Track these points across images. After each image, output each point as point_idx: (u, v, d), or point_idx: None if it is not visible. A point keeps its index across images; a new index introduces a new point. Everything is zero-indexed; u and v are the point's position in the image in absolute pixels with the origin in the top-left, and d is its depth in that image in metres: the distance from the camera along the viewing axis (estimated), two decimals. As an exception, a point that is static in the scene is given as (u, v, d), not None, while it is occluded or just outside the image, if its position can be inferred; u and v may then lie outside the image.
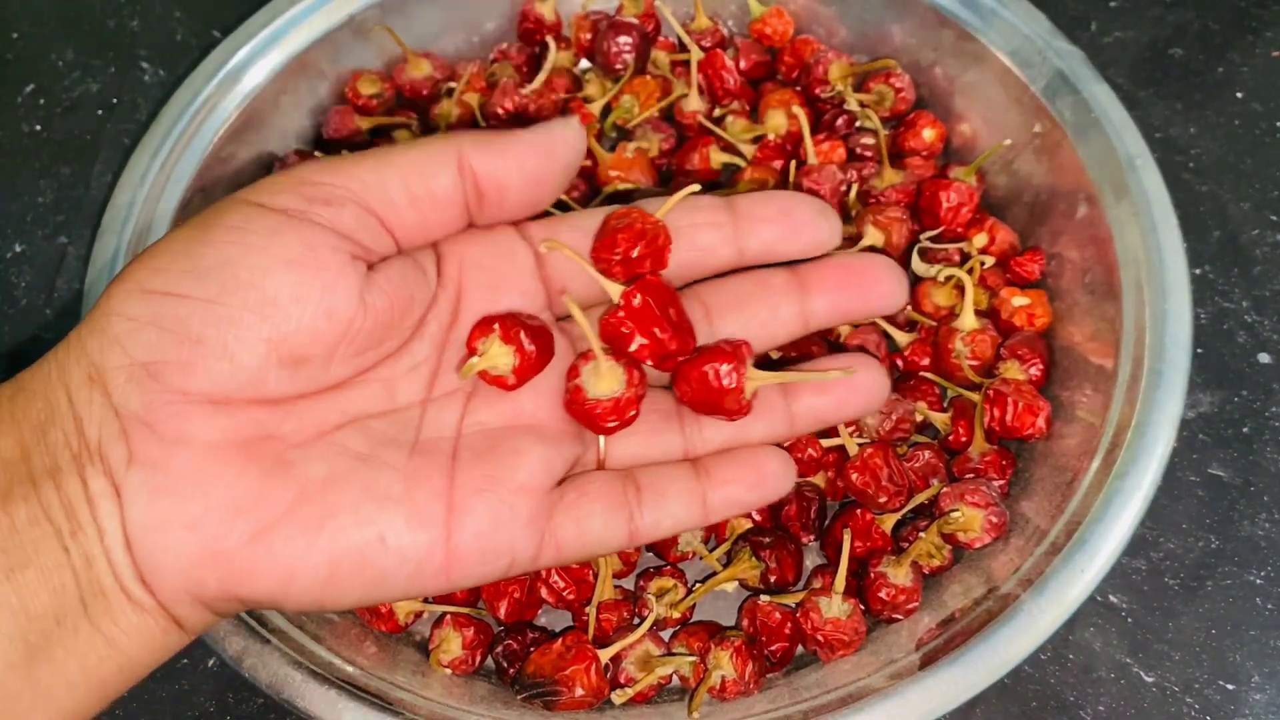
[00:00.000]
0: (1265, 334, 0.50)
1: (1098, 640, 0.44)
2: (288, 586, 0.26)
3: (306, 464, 0.27)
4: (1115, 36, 0.61)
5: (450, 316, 0.31)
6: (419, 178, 0.28)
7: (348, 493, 0.27)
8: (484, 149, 0.29)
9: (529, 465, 0.29)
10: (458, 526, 0.28)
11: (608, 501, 0.31)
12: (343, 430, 0.28)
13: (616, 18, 0.56)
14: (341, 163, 0.28)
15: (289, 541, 0.26)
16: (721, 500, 0.32)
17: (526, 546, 0.29)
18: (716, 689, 0.39)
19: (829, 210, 0.33)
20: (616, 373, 0.31)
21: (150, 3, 0.66)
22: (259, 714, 0.44)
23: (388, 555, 0.27)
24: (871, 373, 0.34)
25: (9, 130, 0.61)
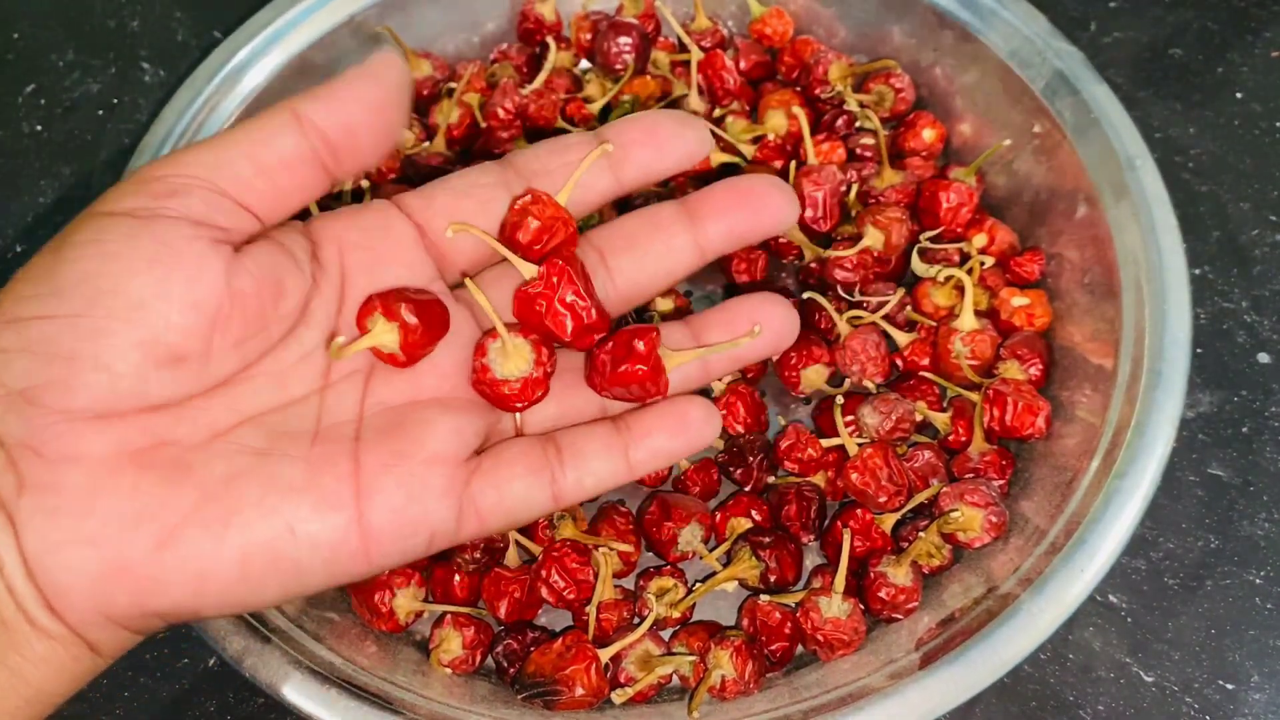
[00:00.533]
0: (1265, 334, 0.50)
1: (1097, 640, 0.44)
2: (202, 590, 0.26)
3: (206, 465, 0.27)
4: (1115, 37, 0.61)
5: (337, 301, 0.31)
6: (262, 146, 0.28)
7: (251, 488, 0.27)
8: (317, 99, 0.28)
9: (437, 435, 0.29)
10: (369, 506, 0.28)
11: (527, 464, 0.30)
12: (239, 429, 0.28)
13: (616, 18, 0.56)
14: (182, 152, 0.28)
15: (196, 544, 0.26)
16: (645, 453, 0.32)
17: (445, 518, 0.29)
18: (716, 688, 0.39)
19: (692, 120, 0.33)
20: (524, 352, 0.30)
21: (151, 3, 0.66)
22: (259, 714, 0.44)
23: (299, 545, 0.27)
24: (774, 309, 0.34)
25: (9, 130, 0.61)
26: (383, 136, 0.30)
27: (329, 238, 0.31)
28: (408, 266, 0.31)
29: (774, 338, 0.34)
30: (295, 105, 0.28)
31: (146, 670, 0.45)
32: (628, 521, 0.44)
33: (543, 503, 0.31)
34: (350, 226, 0.31)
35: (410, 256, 0.32)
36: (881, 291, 0.49)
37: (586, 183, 0.32)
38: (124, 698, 0.44)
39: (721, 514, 0.45)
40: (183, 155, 0.28)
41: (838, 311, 0.48)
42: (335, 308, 0.30)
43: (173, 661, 0.45)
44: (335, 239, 0.31)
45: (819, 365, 0.47)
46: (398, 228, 0.32)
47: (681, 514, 0.43)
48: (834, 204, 0.49)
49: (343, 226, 0.31)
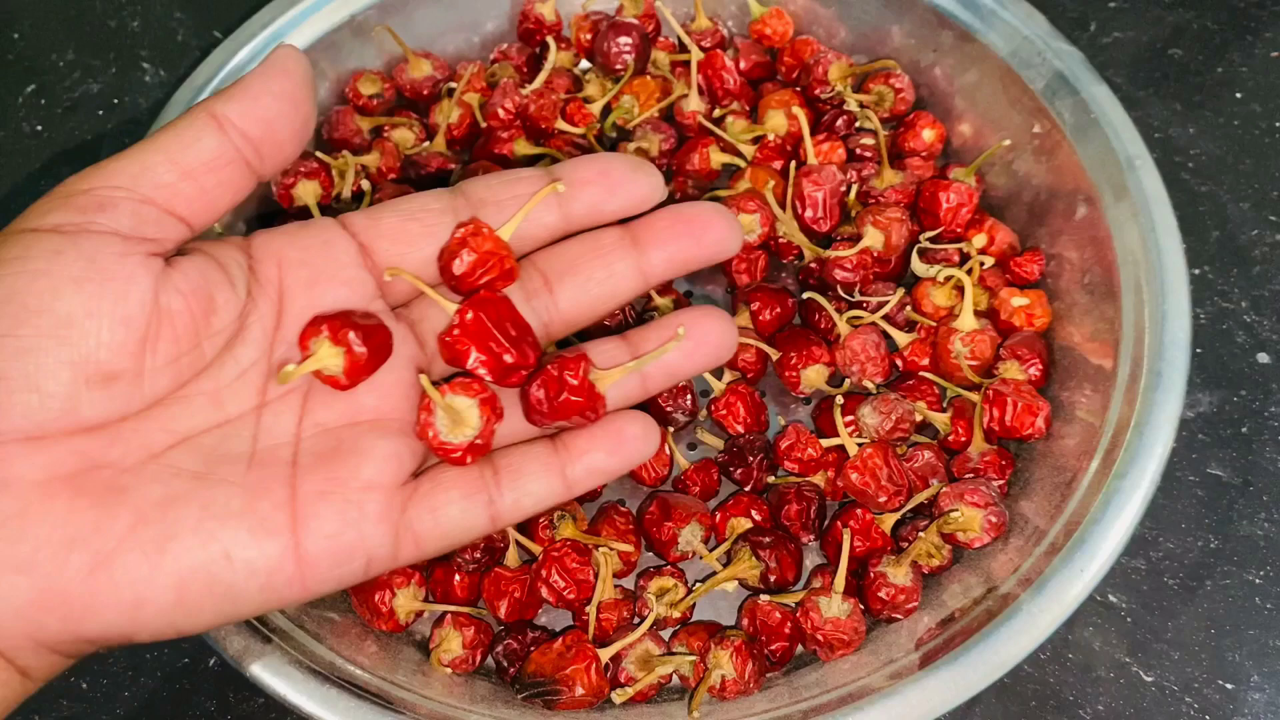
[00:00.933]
0: (1264, 334, 0.51)
1: (1097, 640, 0.44)
2: (136, 615, 0.26)
3: (140, 488, 0.26)
4: (1115, 37, 0.61)
5: (274, 318, 0.30)
6: (184, 150, 0.28)
7: (187, 512, 0.26)
8: (231, 98, 0.28)
9: (374, 462, 0.29)
10: (305, 533, 0.27)
11: (463, 488, 0.30)
12: (174, 450, 0.28)
13: (616, 18, 0.56)
14: (106, 162, 0.27)
15: (131, 569, 0.25)
16: (582, 471, 0.31)
17: (382, 543, 0.29)
18: (716, 688, 0.39)
19: (646, 166, 0.33)
20: (471, 417, 0.30)
21: (151, 3, 0.66)
22: (259, 713, 0.44)
23: (235, 571, 0.27)
24: (712, 323, 0.33)
25: (10, 130, 0.61)
26: (300, 128, 0.30)
27: (268, 254, 0.31)
28: (348, 285, 0.31)
29: (711, 350, 0.33)
30: (211, 106, 0.28)
31: (146, 670, 0.45)
32: (628, 521, 0.44)
33: (480, 525, 0.31)
34: (290, 243, 0.31)
35: (350, 275, 0.31)
36: (881, 291, 0.49)
37: (534, 217, 0.32)
38: (124, 698, 0.44)
39: (721, 514, 0.45)
40: (106, 166, 0.27)
41: (838, 311, 0.48)
42: (273, 324, 0.30)
43: (173, 661, 0.45)
44: (274, 255, 0.31)
45: (819, 365, 0.47)
46: (339, 245, 0.31)
47: (681, 514, 0.43)
48: (834, 204, 0.49)
49: (282, 243, 0.31)
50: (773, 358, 0.48)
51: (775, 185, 0.50)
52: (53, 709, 0.44)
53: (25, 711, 0.44)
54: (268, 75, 0.29)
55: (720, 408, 0.47)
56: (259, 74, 0.29)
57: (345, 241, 0.31)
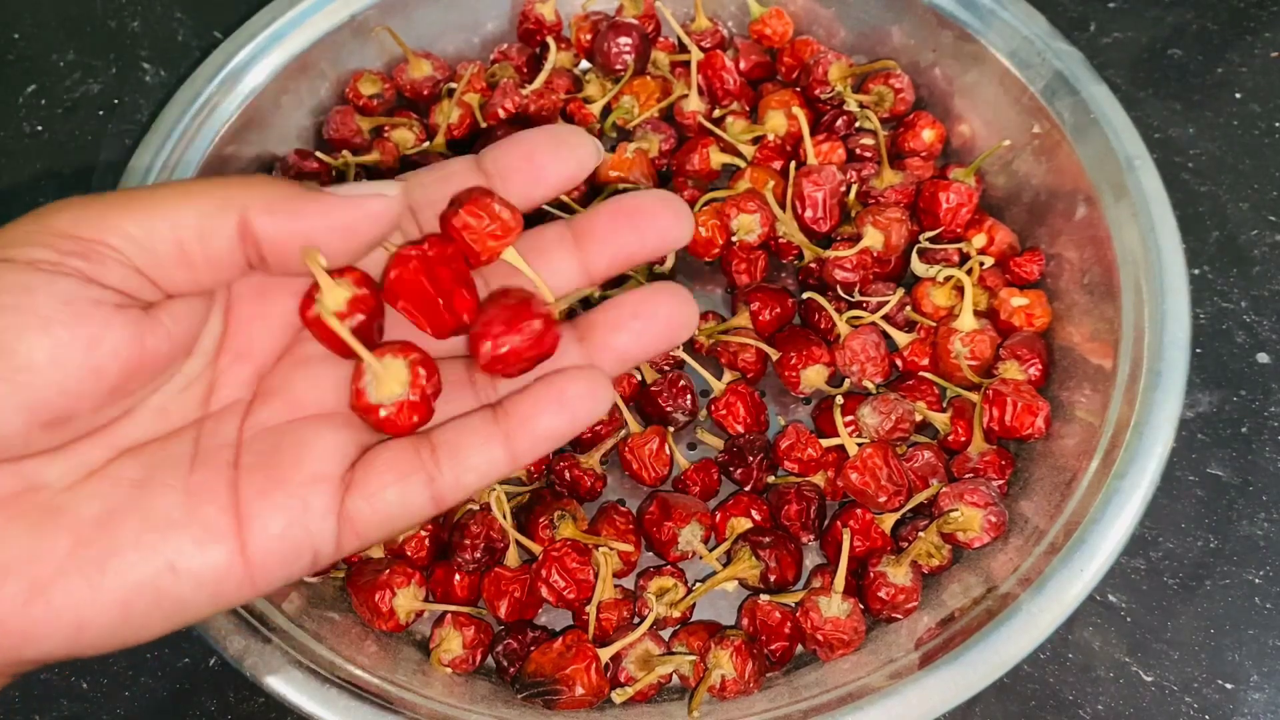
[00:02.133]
0: (1264, 334, 0.51)
1: (1097, 639, 0.44)
2: (79, 637, 0.25)
3: (77, 507, 0.25)
4: (1114, 37, 0.61)
5: (222, 327, 0.29)
6: (192, 236, 0.26)
7: (127, 526, 0.25)
8: (271, 213, 0.26)
9: (315, 454, 0.28)
10: (250, 534, 0.26)
11: (399, 470, 0.29)
12: (115, 462, 0.27)
13: (616, 19, 0.56)
14: (105, 210, 0.25)
15: (71, 592, 0.24)
16: (528, 437, 0.29)
17: (328, 538, 0.28)
18: (716, 688, 0.39)
19: (571, 134, 0.30)
20: (400, 374, 0.29)
21: (151, 3, 0.66)
22: (260, 713, 0.44)
23: (181, 581, 0.25)
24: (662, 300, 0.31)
25: (10, 130, 0.61)
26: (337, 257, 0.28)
27: None
28: (296, 295, 0.30)
29: (661, 328, 0.31)
30: (247, 206, 0.26)
31: (147, 670, 0.45)
32: (628, 521, 0.44)
33: (421, 507, 0.29)
34: None
35: (299, 285, 0.30)
36: (881, 291, 0.49)
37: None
38: (124, 698, 0.44)
39: (721, 514, 0.45)
40: (106, 214, 0.25)
41: (838, 311, 0.48)
42: (220, 333, 0.29)
43: (173, 661, 0.45)
44: None
45: (819, 365, 0.47)
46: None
47: (681, 514, 0.43)
48: (834, 204, 0.49)
49: None
50: (773, 358, 0.48)
51: (775, 185, 0.50)
52: (53, 709, 0.44)
53: (25, 711, 0.44)
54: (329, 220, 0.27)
55: (720, 408, 0.47)
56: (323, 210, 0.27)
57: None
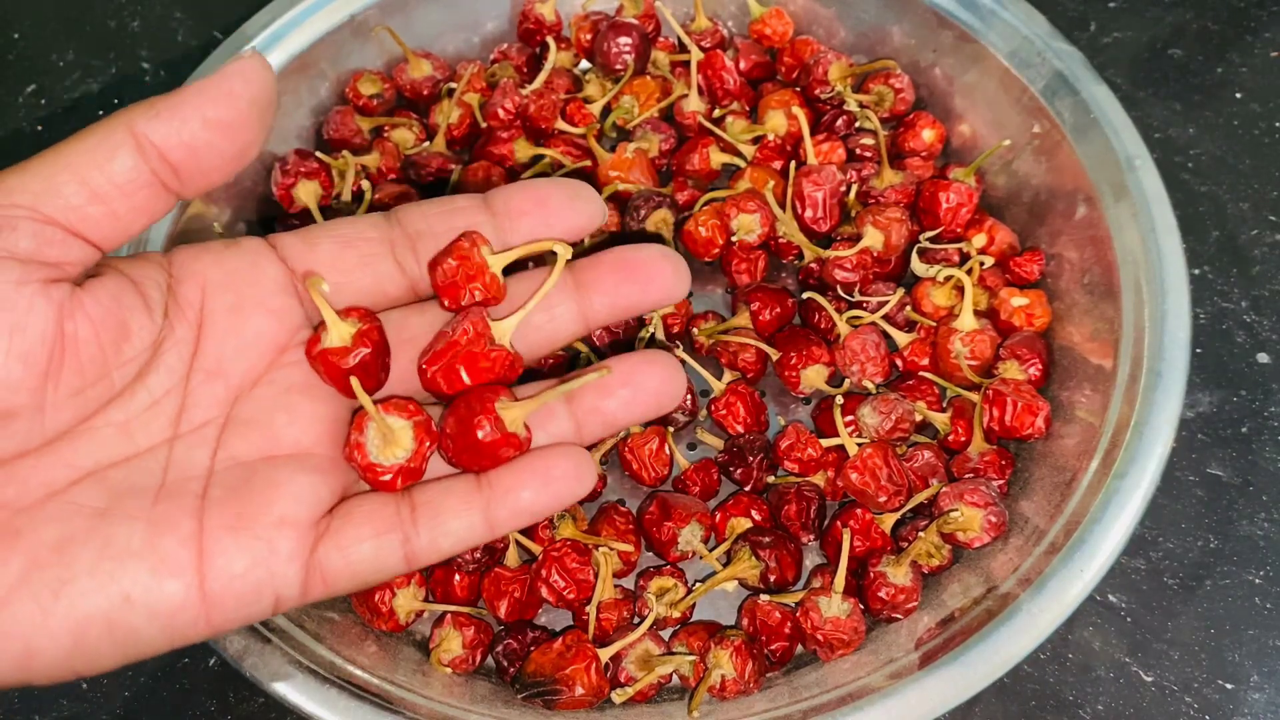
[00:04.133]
0: (1264, 334, 0.51)
1: (1097, 639, 0.44)
2: (28, 664, 0.24)
3: (35, 529, 0.24)
4: (1114, 37, 0.61)
5: (193, 344, 0.28)
6: (94, 169, 0.25)
7: (84, 553, 0.25)
8: (157, 115, 0.26)
9: (288, 497, 0.27)
10: (210, 570, 0.26)
11: (376, 526, 0.28)
12: (77, 486, 0.26)
13: (616, 18, 0.56)
14: (5, 175, 0.25)
15: (22, 618, 0.24)
16: (508, 511, 0.29)
17: (291, 582, 0.27)
18: (716, 688, 0.39)
19: (584, 190, 0.31)
20: (404, 437, 0.29)
21: (151, 3, 0.66)
22: (259, 713, 0.44)
23: (135, 613, 0.25)
24: (652, 370, 0.31)
25: (9, 130, 0.61)
26: (232, 156, 0.27)
27: (191, 274, 0.28)
28: (274, 314, 0.29)
29: (650, 399, 0.31)
30: (133, 121, 0.26)
31: (147, 670, 0.45)
32: (628, 521, 0.44)
33: (394, 565, 0.28)
34: (216, 265, 0.29)
35: (277, 304, 0.29)
36: (881, 291, 0.49)
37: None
38: (124, 698, 0.44)
39: (721, 514, 0.45)
40: (6, 179, 0.25)
41: (838, 311, 0.48)
42: (190, 351, 0.28)
43: (173, 661, 0.45)
44: (198, 277, 0.29)
45: (819, 365, 0.47)
46: (267, 271, 0.29)
47: (681, 514, 0.43)
48: (834, 204, 0.49)
49: (207, 264, 0.29)
50: (773, 358, 0.48)
51: (775, 185, 0.50)
52: (52, 709, 0.44)
53: (25, 711, 0.44)
54: (206, 96, 0.26)
55: (720, 408, 0.47)
56: (197, 92, 0.26)
57: (274, 267, 0.29)
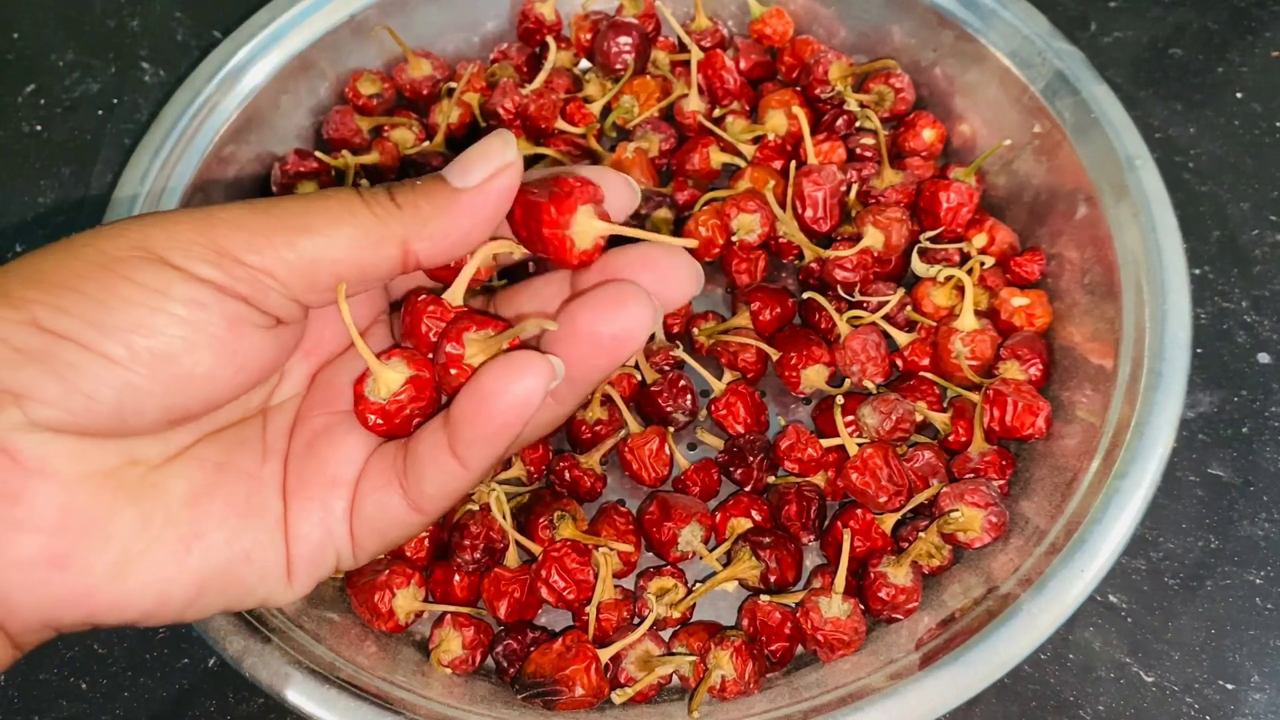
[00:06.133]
0: (1265, 334, 0.50)
1: (1097, 640, 0.44)
2: (157, 611, 0.26)
3: (169, 483, 0.26)
4: (1115, 37, 0.61)
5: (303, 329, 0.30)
6: (355, 268, 0.26)
7: (213, 509, 0.27)
8: (430, 238, 0.27)
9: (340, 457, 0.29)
10: (292, 534, 0.28)
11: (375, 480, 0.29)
12: (198, 444, 0.28)
13: (616, 18, 0.56)
14: (271, 234, 0.25)
15: (158, 569, 0.25)
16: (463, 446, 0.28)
17: (345, 542, 0.29)
18: (716, 688, 0.39)
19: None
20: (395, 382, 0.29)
21: (150, 3, 0.66)
22: (259, 714, 0.44)
23: (251, 570, 0.27)
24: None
25: (9, 130, 0.61)
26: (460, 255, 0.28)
27: None
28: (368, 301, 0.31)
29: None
30: (409, 238, 0.26)
31: (146, 670, 0.45)
32: (628, 521, 0.44)
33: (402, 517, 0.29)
34: None
35: (374, 292, 0.31)
36: (881, 291, 0.49)
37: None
38: (124, 698, 0.44)
39: (721, 514, 0.45)
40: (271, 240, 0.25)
41: (838, 311, 0.48)
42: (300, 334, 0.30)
43: (173, 661, 0.45)
44: None
45: (819, 365, 0.47)
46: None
47: (681, 514, 0.43)
48: (834, 204, 0.49)
49: None
50: (773, 358, 0.48)
51: (775, 185, 0.50)
52: (52, 709, 0.44)
53: (25, 712, 0.44)
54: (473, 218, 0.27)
55: (720, 408, 0.47)
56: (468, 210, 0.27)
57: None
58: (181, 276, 0.25)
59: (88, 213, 0.58)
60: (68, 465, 0.24)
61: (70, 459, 0.24)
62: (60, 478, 0.24)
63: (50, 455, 0.24)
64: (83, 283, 0.24)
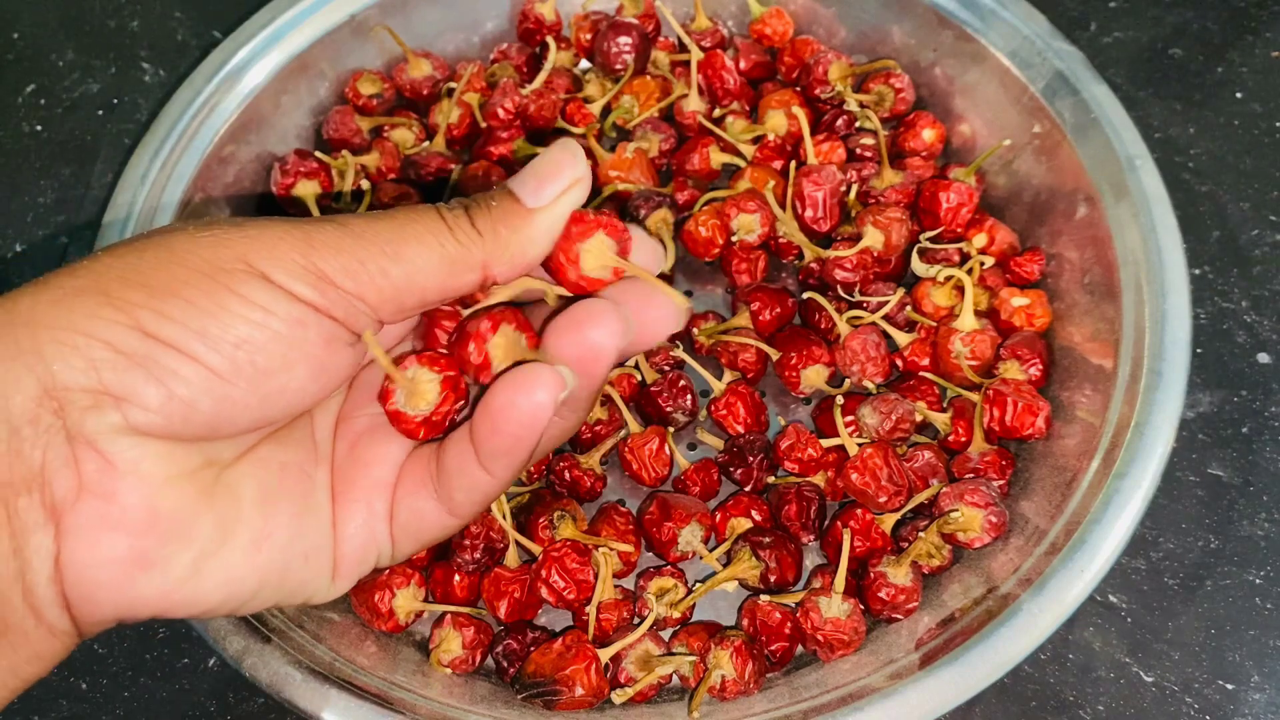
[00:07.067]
0: (1265, 334, 0.50)
1: (1097, 640, 0.44)
2: (220, 606, 0.26)
3: (240, 484, 0.27)
4: (1115, 37, 0.61)
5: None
6: (439, 292, 0.27)
7: (280, 509, 0.27)
8: (509, 261, 0.27)
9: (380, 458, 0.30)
10: (339, 535, 0.29)
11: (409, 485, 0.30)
12: (262, 444, 0.28)
13: (616, 18, 0.56)
14: (366, 260, 0.26)
15: (231, 568, 0.26)
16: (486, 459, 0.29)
17: (385, 542, 0.30)
18: (716, 688, 0.39)
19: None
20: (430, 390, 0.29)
21: (150, 3, 0.66)
22: (259, 713, 0.44)
23: (308, 569, 0.28)
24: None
25: (9, 130, 0.61)
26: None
27: None
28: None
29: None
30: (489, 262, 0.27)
31: (146, 670, 0.45)
32: (628, 521, 0.44)
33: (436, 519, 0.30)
34: None
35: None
36: (881, 291, 0.49)
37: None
38: (124, 698, 0.44)
39: (721, 514, 0.45)
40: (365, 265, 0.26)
41: (838, 311, 0.48)
42: None
43: (173, 661, 0.45)
44: None
45: (819, 365, 0.47)
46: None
47: (681, 514, 0.43)
48: (834, 204, 0.49)
49: None
50: (773, 358, 0.48)
51: (775, 185, 0.50)
52: (52, 709, 0.44)
53: (25, 712, 0.44)
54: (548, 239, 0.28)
55: (720, 408, 0.47)
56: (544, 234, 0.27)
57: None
58: (285, 296, 0.25)
59: (88, 212, 0.58)
60: (155, 468, 0.25)
61: (158, 461, 0.25)
62: (149, 480, 0.25)
63: (141, 458, 0.24)
64: (188, 290, 0.25)
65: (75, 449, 0.24)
